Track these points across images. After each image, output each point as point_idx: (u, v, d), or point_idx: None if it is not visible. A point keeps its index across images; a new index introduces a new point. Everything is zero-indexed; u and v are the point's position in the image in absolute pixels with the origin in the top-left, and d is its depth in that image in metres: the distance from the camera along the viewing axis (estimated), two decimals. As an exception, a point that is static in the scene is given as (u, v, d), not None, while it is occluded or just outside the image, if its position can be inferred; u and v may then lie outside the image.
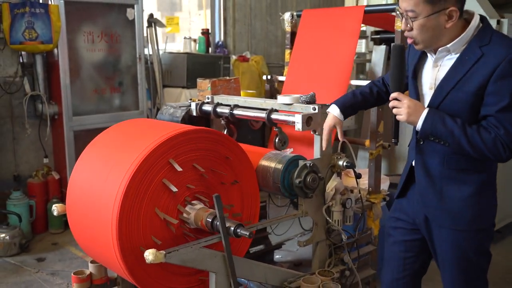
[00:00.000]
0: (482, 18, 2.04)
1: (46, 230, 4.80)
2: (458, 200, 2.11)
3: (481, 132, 1.96)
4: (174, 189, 2.24)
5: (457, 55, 2.03)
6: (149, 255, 2.03)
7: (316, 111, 2.69)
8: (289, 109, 2.83)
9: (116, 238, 2.14)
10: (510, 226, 4.77)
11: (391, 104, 2.11)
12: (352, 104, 2.50)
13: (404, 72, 2.13)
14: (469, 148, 1.97)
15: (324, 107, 2.71)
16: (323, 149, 2.62)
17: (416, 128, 2.07)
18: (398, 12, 2.07)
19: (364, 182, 3.32)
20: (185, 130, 2.34)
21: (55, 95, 4.79)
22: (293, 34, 3.79)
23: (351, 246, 2.97)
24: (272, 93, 3.84)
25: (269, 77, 3.87)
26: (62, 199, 4.76)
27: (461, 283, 2.21)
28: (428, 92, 2.13)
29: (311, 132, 2.75)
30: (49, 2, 4.53)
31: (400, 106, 2.05)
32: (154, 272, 2.29)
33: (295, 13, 3.80)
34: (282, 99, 2.88)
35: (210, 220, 2.27)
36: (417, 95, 2.18)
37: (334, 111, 2.51)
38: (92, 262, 2.83)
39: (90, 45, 4.81)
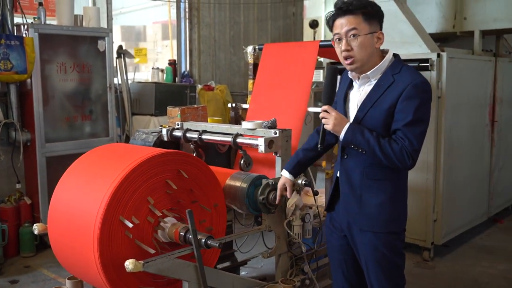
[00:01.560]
0: (395, 54, 2.53)
1: (18, 254, 4.90)
2: (375, 206, 2.48)
3: (391, 143, 2.36)
4: (174, 186, 2.58)
5: (375, 81, 2.46)
6: (129, 264, 2.27)
7: (277, 135, 3.01)
8: (253, 134, 3.14)
9: (97, 249, 2.36)
10: (455, 240, 5.15)
11: (321, 115, 2.50)
12: (298, 163, 2.83)
13: (335, 89, 2.55)
14: (381, 155, 2.36)
15: (284, 132, 3.04)
16: (277, 203, 2.95)
17: (340, 137, 2.46)
18: (336, 39, 2.45)
19: (322, 200, 3.64)
20: (183, 152, 2.69)
21: (28, 123, 4.97)
22: (255, 65, 4.12)
23: (310, 257, 3.28)
24: (237, 120, 4.14)
25: (233, 105, 4.17)
26: (33, 223, 4.87)
27: (382, 280, 2.53)
28: (353, 112, 2.54)
29: (273, 154, 3.07)
30: (24, 35, 4.75)
31: (329, 117, 2.45)
32: (131, 283, 2.52)
33: (257, 47, 4.14)
34: (246, 124, 3.19)
35: (183, 234, 2.54)
36: (345, 115, 2.56)
37: (284, 174, 2.88)
38: (69, 278, 3.02)
39: (63, 75, 5.04)
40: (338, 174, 2.63)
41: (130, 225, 2.43)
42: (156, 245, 2.59)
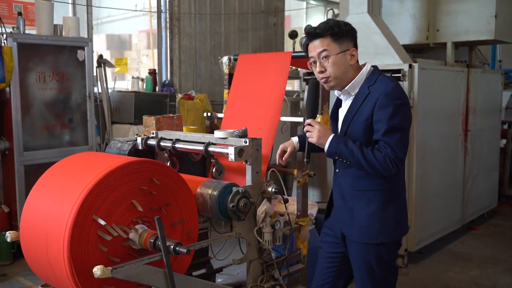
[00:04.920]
0: (373, 66, 2.58)
1: (-5, 262, 4.93)
2: (364, 217, 2.53)
3: (374, 151, 2.42)
4: (139, 207, 2.59)
5: (354, 95, 2.54)
6: (97, 270, 2.31)
7: (247, 144, 3.07)
8: (224, 143, 3.21)
9: (67, 256, 2.41)
10: (430, 247, 5.25)
11: (305, 128, 2.57)
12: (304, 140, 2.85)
13: (317, 103, 2.68)
14: (365, 164, 2.42)
15: (254, 140, 3.11)
16: (277, 161, 3.01)
17: (324, 149, 2.52)
18: (311, 62, 2.55)
19: (294, 207, 3.71)
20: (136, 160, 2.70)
21: (7, 131, 4.99)
22: (230, 75, 4.20)
23: (281, 264, 3.34)
24: (212, 129, 4.19)
25: (209, 114, 4.24)
26: (11, 232, 4.89)
27: None
28: (340, 126, 2.63)
29: (243, 162, 3.13)
30: (2, 44, 4.79)
31: (313, 130, 2.53)
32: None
33: (232, 57, 4.22)
34: (218, 133, 3.25)
35: (153, 240, 2.59)
36: (336, 130, 2.66)
37: (294, 139, 2.96)
38: (43, 286, 3.05)
39: (42, 84, 5.07)
40: (333, 187, 2.73)
41: (103, 222, 2.47)
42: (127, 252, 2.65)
